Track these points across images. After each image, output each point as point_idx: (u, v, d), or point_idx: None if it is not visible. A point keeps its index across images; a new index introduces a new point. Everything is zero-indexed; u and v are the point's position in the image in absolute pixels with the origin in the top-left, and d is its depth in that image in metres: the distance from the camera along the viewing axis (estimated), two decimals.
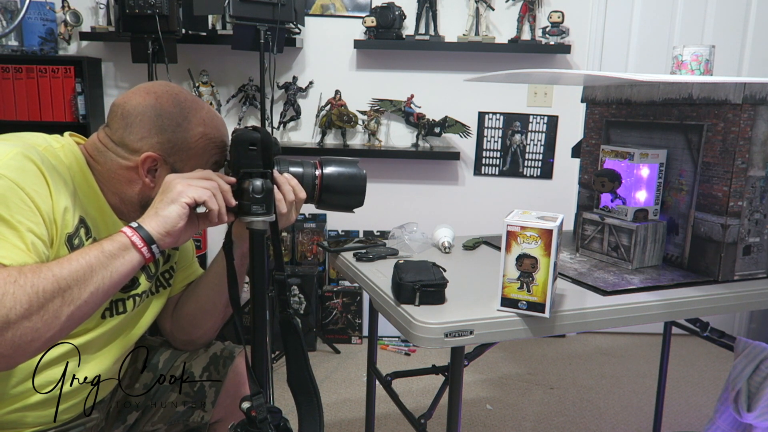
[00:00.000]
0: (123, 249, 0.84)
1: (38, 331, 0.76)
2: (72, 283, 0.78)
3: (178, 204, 0.87)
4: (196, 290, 1.19)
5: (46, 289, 0.76)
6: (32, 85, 2.65)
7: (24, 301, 0.74)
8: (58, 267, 0.79)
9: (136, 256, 0.85)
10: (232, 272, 0.93)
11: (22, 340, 0.74)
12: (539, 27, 2.76)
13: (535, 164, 2.98)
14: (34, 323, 0.75)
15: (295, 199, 0.99)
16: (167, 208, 0.87)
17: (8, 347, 0.73)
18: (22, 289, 0.74)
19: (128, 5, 2.25)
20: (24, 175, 0.86)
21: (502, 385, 2.52)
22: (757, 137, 1.22)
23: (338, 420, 2.20)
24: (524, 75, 1.53)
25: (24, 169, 0.86)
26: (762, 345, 1.46)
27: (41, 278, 0.76)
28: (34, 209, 0.85)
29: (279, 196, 0.96)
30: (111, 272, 0.83)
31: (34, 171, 0.88)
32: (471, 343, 1.04)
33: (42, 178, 0.88)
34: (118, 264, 0.83)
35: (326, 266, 2.96)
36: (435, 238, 1.52)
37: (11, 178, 0.84)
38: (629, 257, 1.34)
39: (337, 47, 2.86)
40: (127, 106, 1.00)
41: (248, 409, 0.84)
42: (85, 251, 0.82)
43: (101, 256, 0.82)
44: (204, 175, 0.93)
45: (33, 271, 0.77)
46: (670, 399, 2.39)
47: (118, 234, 0.86)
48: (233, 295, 0.92)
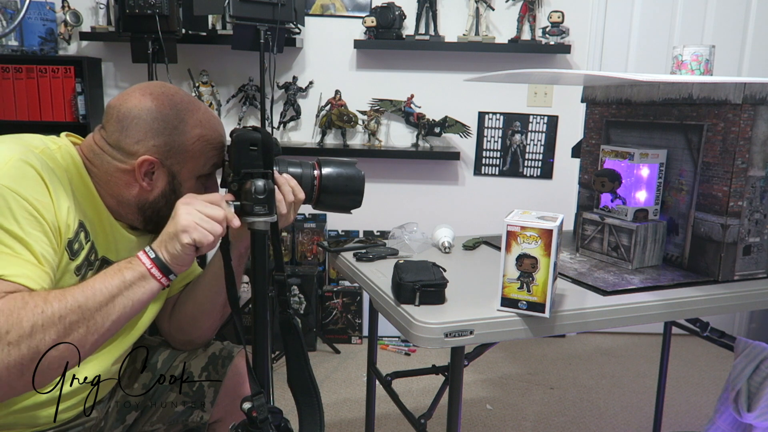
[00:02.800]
0: (142, 278, 0.88)
1: (64, 359, 0.79)
2: (95, 312, 0.82)
3: (181, 244, 0.89)
4: (194, 290, 1.19)
5: (72, 320, 0.80)
6: (32, 85, 2.65)
7: (52, 332, 0.78)
8: (82, 296, 0.82)
9: (155, 285, 0.89)
10: (230, 272, 0.93)
11: (50, 368, 0.79)
12: (539, 27, 2.76)
13: (535, 164, 2.98)
14: (60, 352, 0.78)
15: (294, 200, 1.00)
16: (175, 246, 0.89)
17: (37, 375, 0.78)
18: (50, 321, 0.78)
19: (128, 5, 2.25)
20: (25, 183, 0.86)
21: (502, 385, 2.52)
22: (757, 137, 1.22)
23: (338, 420, 2.20)
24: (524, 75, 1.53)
25: (24, 176, 0.86)
26: (762, 345, 1.46)
27: (67, 308, 0.80)
28: (39, 219, 0.86)
29: (279, 197, 0.96)
30: (132, 300, 0.87)
31: (35, 177, 0.87)
32: (471, 343, 1.04)
33: (42, 184, 0.88)
34: (139, 293, 0.87)
35: (326, 266, 2.96)
36: (435, 238, 1.52)
37: (14, 189, 0.84)
38: (629, 257, 1.34)
39: (337, 47, 2.86)
40: (122, 108, 0.99)
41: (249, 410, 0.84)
42: (106, 279, 0.85)
43: (122, 286, 0.86)
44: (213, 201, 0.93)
45: (58, 300, 0.80)
46: (670, 399, 2.39)
47: (136, 263, 0.88)
48: (232, 295, 0.92)
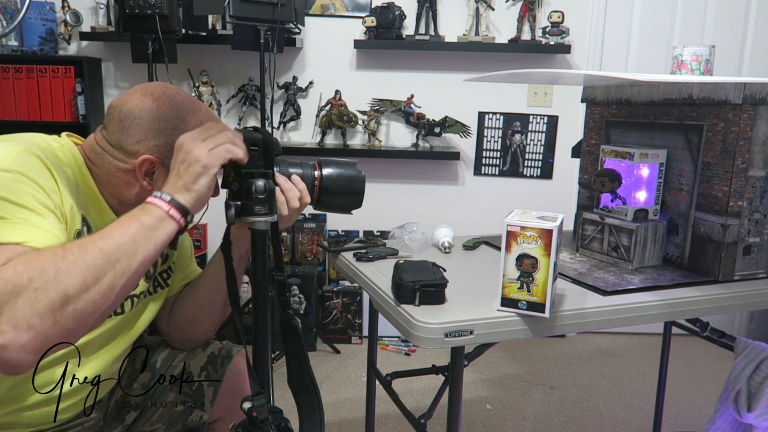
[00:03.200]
0: (161, 221, 0.84)
1: (96, 303, 0.76)
2: (120, 256, 0.79)
3: (207, 176, 0.87)
4: (194, 290, 1.19)
5: (97, 263, 0.76)
6: (32, 85, 2.65)
7: (78, 276, 0.74)
8: (103, 242, 0.79)
9: (174, 226, 0.85)
10: (231, 273, 0.93)
11: (83, 312, 0.75)
12: (539, 27, 2.76)
13: (535, 164, 2.98)
14: (92, 296, 0.75)
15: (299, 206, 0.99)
16: (197, 181, 0.87)
17: (71, 321, 0.74)
18: (74, 265, 0.75)
19: (128, 5, 2.25)
20: (32, 170, 0.86)
21: (502, 385, 2.52)
22: (757, 137, 1.22)
23: (338, 420, 2.20)
24: (524, 75, 1.53)
25: (31, 165, 0.87)
26: (762, 345, 1.46)
27: (89, 253, 0.76)
28: (48, 202, 0.86)
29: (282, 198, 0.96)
30: (154, 243, 0.83)
31: (41, 167, 0.88)
32: (471, 343, 1.04)
33: (49, 173, 0.89)
34: (159, 235, 0.83)
35: (326, 266, 2.96)
36: (435, 238, 1.52)
37: (21, 172, 0.84)
38: (629, 257, 1.34)
39: (337, 47, 2.86)
40: (123, 108, 1.00)
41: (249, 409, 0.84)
42: (123, 226, 0.81)
43: (142, 229, 0.82)
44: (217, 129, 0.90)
45: (79, 247, 0.77)
46: (670, 399, 2.39)
47: (151, 207, 0.84)
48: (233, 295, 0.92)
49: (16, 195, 0.82)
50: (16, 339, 0.69)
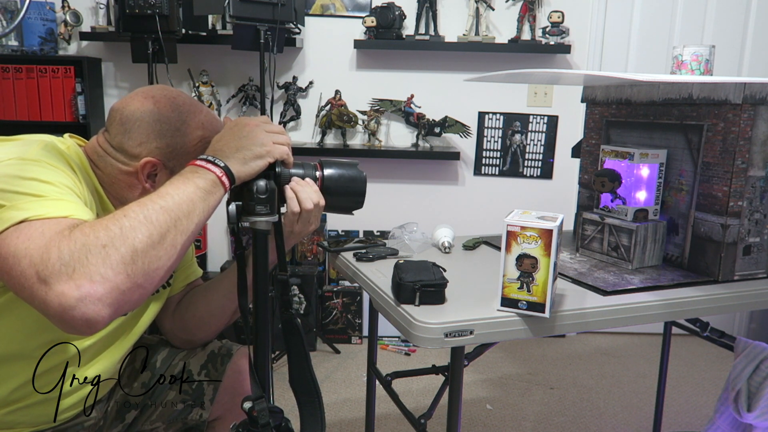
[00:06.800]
0: (214, 185, 0.85)
1: (161, 259, 0.77)
2: (180, 214, 0.80)
3: (264, 161, 0.89)
4: (208, 294, 1.19)
5: (159, 219, 0.77)
6: (32, 85, 2.65)
7: (144, 231, 0.75)
8: (162, 200, 0.80)
9: (222, 193, 0.87)
10: (243, 280, 0.93)
11: (150, 267, 0.75)
12: (539, 27, 2.76)
13: (535, 164, 2.98)
14: (157, 251, 0.76)
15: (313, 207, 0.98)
16: (254, 161, 0.89)
17: (140, 276, 0.74)
18: (137, 221, 0.76)
19: (128, 5, 2.25)
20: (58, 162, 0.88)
21: (502, 385, 2.52)
22: (757, 137, 1.22)
23: (338, 420, 2.21)
24: (524, 75, 1.53)
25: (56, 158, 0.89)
26: (762, 345, 1.46)
27: (151, 210, 0.77)
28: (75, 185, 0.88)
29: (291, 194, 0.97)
30: (208, 205, 0.84)
31: (62, 160, 0.90)
32: (471, 343, 1.04)
33: (70, 168, 0.91)
34: (212, 199, 0.85)
35: (326, 266, 2.96)
36: (435, 238, 1.52)
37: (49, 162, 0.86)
38: (629, 257, 1.34)
39: (337, 47, 2.86)
40: (125, 111, 1.00)
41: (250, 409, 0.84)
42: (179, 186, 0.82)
43: (198, 191, 0.83)
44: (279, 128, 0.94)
45: (139, 205, 0.78)
46: (670, 399, 2.39)
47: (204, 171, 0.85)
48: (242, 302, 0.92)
49: (51, 177, 0.83)
50: (93, 291, 0.69)
